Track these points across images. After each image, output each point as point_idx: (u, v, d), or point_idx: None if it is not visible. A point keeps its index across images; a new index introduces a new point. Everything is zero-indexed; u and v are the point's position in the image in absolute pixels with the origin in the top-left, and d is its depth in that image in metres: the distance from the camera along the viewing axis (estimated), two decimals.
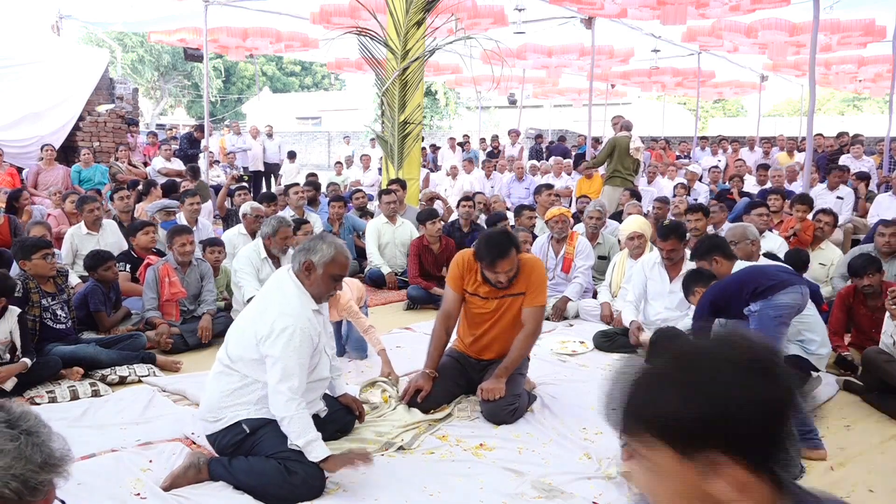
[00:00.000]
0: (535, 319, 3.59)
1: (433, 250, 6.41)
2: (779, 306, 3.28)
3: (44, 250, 4.19)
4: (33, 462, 1.10)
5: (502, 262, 3.42)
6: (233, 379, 2.85)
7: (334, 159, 16.39)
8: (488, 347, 3.71)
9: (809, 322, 3.83)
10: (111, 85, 12.03)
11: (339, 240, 3.01)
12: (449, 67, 16.57)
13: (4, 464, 1.08)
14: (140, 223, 5.83)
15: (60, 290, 4.34)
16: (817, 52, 8.06)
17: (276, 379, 2.69)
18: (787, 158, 12.47)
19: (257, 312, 2.86)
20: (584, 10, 10.50)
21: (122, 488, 2.75)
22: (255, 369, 2.81)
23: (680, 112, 33.28)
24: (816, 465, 3.12)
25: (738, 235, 4.50)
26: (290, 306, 2.80)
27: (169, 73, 33.71)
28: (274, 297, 2.86)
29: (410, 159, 8.45)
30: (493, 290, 3.59)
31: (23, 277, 4.12)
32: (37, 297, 4.14)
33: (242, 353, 2.83)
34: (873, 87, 17.58)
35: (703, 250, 4.03)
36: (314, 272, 2.87)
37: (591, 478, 2.93)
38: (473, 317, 3.69)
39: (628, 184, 8.98)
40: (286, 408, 2.67)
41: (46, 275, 4.23)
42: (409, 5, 7.82)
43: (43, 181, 9.40)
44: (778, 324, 3.30)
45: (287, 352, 2.70)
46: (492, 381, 3.50)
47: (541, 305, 3.61)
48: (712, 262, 3.97)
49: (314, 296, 2.90)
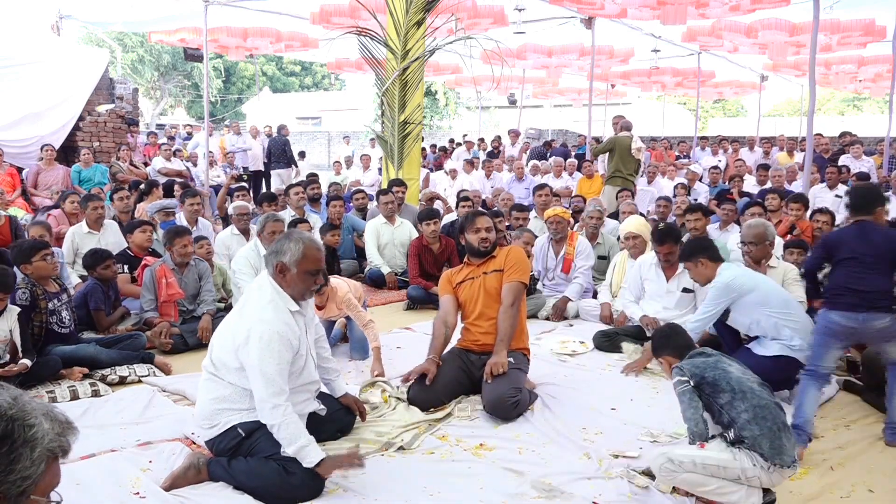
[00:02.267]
0: (512, 293, 3.76)
1: (433, 250, 6.41)
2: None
3: (42, 251, 4.18)
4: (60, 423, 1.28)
5: (481, 219, 3.90)
6: (220, 385, 2.85)
7: (334, 159, 16.38)
8: (482, 328, 3.83)
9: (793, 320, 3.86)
10: (111, 85, 12.02)
11: (305, 234, 2.98)
12: (449, 67, 16.58)
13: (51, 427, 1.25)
14: (137, 221, 5.82)
15: (63, 288, 4.36)
16: (817, 52, 8.06)
17: (259, 387, 2.68)
18: (787, 158, 12.47)
19: (235, 319, 2.85)
20: (584, 10, 10.51)
21: (121, 488, 2.75)
22: (238, 377, 2.80)
23: (680, 112, 33.29)
24: (817, 465, 3.12)
25: (759, 237, 4.50)
26: (266, 313, 2.77)
27: (169, 73, 33.70)
28: (251, 304, 2.84)
29: (410, 159, 8.45)
30: (475, 270, 3.91)
31: (29, 284, 4.09)
32: (44, 303, 4.12)
33: (225, 361, 2.82)
34: (873, 87, 17.58)
35: (689, 252, 4.09)
36: (288, 273, 2.84)
37: (591, 478, 2.93)
38: (466, 303, 3.92)
39: (629, 184, 8.99)
40: (272, 415, 2.67)
41: (49, 275, 4.24)
42: (409, 5, 7.82)
43: (43, 181, 9.40)
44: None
45: (265, 358, 2.68)
46: (494, 357, 3.63)
47: (517, 281, 3.79)
48: (697, 264, 4.02)
49: (295, 295, 2.87)
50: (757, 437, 2.54)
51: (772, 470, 2.56)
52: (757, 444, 2.54)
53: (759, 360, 3.73)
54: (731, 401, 2.60)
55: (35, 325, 4.05)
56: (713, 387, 2.65)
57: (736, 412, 2.59)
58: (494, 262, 3.89)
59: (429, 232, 6.33)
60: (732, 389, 2.61)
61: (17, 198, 8.92)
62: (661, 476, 2.67)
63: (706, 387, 2.66)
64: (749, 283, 3.94)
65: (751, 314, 3.90)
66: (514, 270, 3.81)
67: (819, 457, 3.21)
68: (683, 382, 2.69)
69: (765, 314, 3.85)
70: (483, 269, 3.90)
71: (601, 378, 4.30)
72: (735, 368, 2.72)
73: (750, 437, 2.55)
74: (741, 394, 2.60)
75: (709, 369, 2.68)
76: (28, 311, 4.00)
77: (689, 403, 2.66)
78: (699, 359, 2.78)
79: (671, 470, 2.63)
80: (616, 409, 3.74)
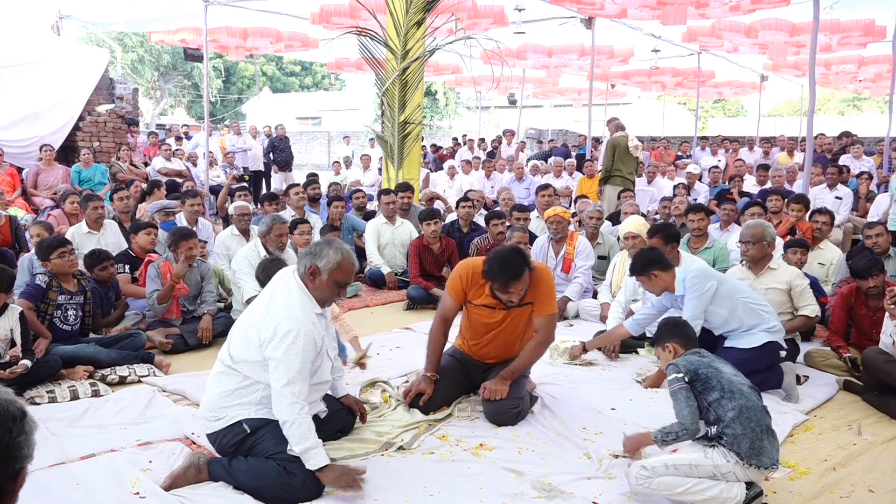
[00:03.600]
0: (547, 328, 3.53)
1: (433, 250, 6.41)
2: None
3: (59, 249, 4.28)
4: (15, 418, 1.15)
5: (515, 284, 3.30)
6: (234, 379, 2.85)
7: (334, 159, 16.38)
8: (492, 353, 3.69)
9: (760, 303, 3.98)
10: (111, 85, 12.03)
11: (346, 246, 2.98)
12: (449, 67, 16.58)
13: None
14: (143, 223, 5.83)
15: (81, 290, 4.40)
16: (817, 52, 8.06)
17: (281, 382, 2.68)
18: (787, 158, 12.47)
19: (261, 314, 2.83)
20: (584, 10, 10.50)
21: (121, 488, 2.75)
22: (256, 371, 2.80)
23: (680, 112, 33.29)
24: (817, 464, 3.12)
25: (757, 236, 4.49)
26: (294, 309, 2.78)
27: (169, 73, 33.71)
28: (278, 300, 2.84)
29: (410, 159, 8.45)
30: (500, 303, 3.50)
31: (49, 274, 4.24)
32: (55, 295, 4.23)
33: (245, 355, 2.82)
34: (873, 87, 17.57)
35: (641, 266, 4.02)
36: (319, 277, 2.85)
37: (591, 478, 2.93)
38: (478, 326, 3.63)
39: (628, 184, 8.98)
40: (289, 411, 2.66)
41: (68, 272, 4.33)
42: (409, 5, 7.82)
43: (43, 181, 9.40)
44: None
45: (290, 355, 2.68)
46: (496, 382, 3.48)
47: (552, 314, 3.53)
48: (651, 277, 4.01)
49: (318, 300, 2.88)
50: (738, 436, 2.58)
51: (747, 468, 2.59)
52: (737, 442, 2.59)
53: (743, 354, 3.83)
54: (719, 399, 2.65)
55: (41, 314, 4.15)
56: (705, 384, 2.69)
57: (723, 410, 2.63)
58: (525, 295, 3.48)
59: (429, 232, 6.33)
60: (722, 388, 2.66)
61: (17, 198, 8.93)
62: (638, 484, 2.66)
63: (698, 383, 2.71)
64: (715, 272, 4.08)
65: (727, 303, 3.95)
66: (546, 303, 3.51)
67: (819, 457, 3.21)
68: (679, 379, 2.73)
69: (741, 300, 3.93)
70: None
71: (601, 378, 4.30)
72: (728, 370, 2.77)
73: (731, 436, 2.59)
74: (730, 393, 2.65)
75: (703, 367, 2.74)
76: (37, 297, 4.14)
77: (686, 402, 2.69)
78: (694, 357, 2.82)
79: (646, 476, 2.64)
80: (616, 409, 3.74)
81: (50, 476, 2.84)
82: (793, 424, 3.53)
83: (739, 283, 4.11)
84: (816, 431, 3.53)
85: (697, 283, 3.94)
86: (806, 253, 5.15)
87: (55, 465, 2.94)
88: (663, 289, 4.03)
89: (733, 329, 4.00)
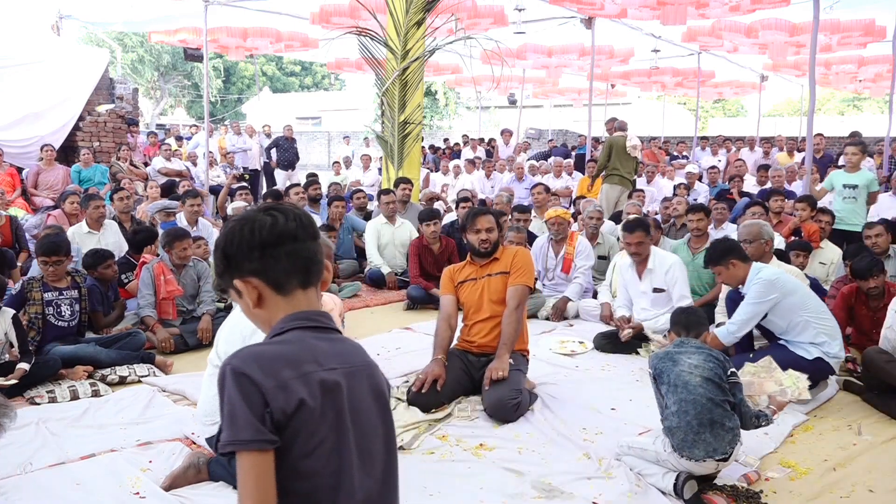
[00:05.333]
0: (517, 296, 3.75)
1: (433, 250, 6.40)
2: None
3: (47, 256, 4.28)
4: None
5: (481, 219, 3.81)
6: None
7: (334, 159, 16.38)
8: (484, 330, 3.82)
9: (829, 326, 3.84)
10: (111, 85, 12.02)
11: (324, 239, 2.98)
12: (449, 67, 16.57)
13: None
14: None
15: (74, 286, 4.40)
16: (817, 52, 8.05)
17: None
18: (787, 158, 12.46)
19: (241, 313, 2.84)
20: (584, 10, 10.50)
21: (121, 488, 2.75)
22: None
23: (680, 112, 33.28)
24: (817, 464, 3.12)
25: (753, 234, 4.48)
26: None
27: (169, 73, 33.70)
28: None
29: (410, 159, 8.45)
30: (478, 270, 3.86)
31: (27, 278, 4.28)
32: (38, 295, 4.20)
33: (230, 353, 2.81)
34: (873, 87, 17.56)
35: (719, 254, 3.96)
36: None
37: (591, 478, 2.93)
38: (468, 306, 3.88)
39: (626, 183, 8.96)
40: None
41: (61, 276, 4.34)
42: (409, 5, 7.82)
43: (43, 181, 9.39)
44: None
45: None
46: (495, 362, 3.61)
47: (523, 284, 3.77)
48: (728, 266, 3.92)
49: None
50: (672, 428, 2.76)
51: (680, 458, 2.73)
52: (670, 434, 2.78)
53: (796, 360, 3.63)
54: (667, 391, 2.83)
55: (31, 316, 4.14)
56: (658, 378, 2.88)
57: (669, 401, 2.80)
58: (500, 263, 3.85)
59: (429, 232, 6.33)
60: (670, 381, 2.81)
61: (17, 198, 8.92)
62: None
63: (657, 377, 2.89)
64: (791, 283, 3.87)
65: (790, 317, 3.82)
66: (520, 273, 3.78)
67: (819, 457, 3.21)
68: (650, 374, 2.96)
69: (804, 318, 3.79)
70: (487, 271, 3.86)
71: (601, 378, 4.30)
72: (690, 362, 2.80)
73: (668, 427, 2.79)
74: (674, 387, 2.79)
75: (661, 361, 2.88)
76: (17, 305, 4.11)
77: (657, 393, 2.92)
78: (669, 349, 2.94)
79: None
80: (616, 409, 3.74)
81: (50, 476, 2.84)
82: (793, 424, 3.53)
83: (813, 302, 3.87)
84: (816, 431, 3.52)
85: (761, 290, 3.80)
86: (807, 256, 5.15)
87: (55, 465, 2.95)
88: (739, 281, 3.92)
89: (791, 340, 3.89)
